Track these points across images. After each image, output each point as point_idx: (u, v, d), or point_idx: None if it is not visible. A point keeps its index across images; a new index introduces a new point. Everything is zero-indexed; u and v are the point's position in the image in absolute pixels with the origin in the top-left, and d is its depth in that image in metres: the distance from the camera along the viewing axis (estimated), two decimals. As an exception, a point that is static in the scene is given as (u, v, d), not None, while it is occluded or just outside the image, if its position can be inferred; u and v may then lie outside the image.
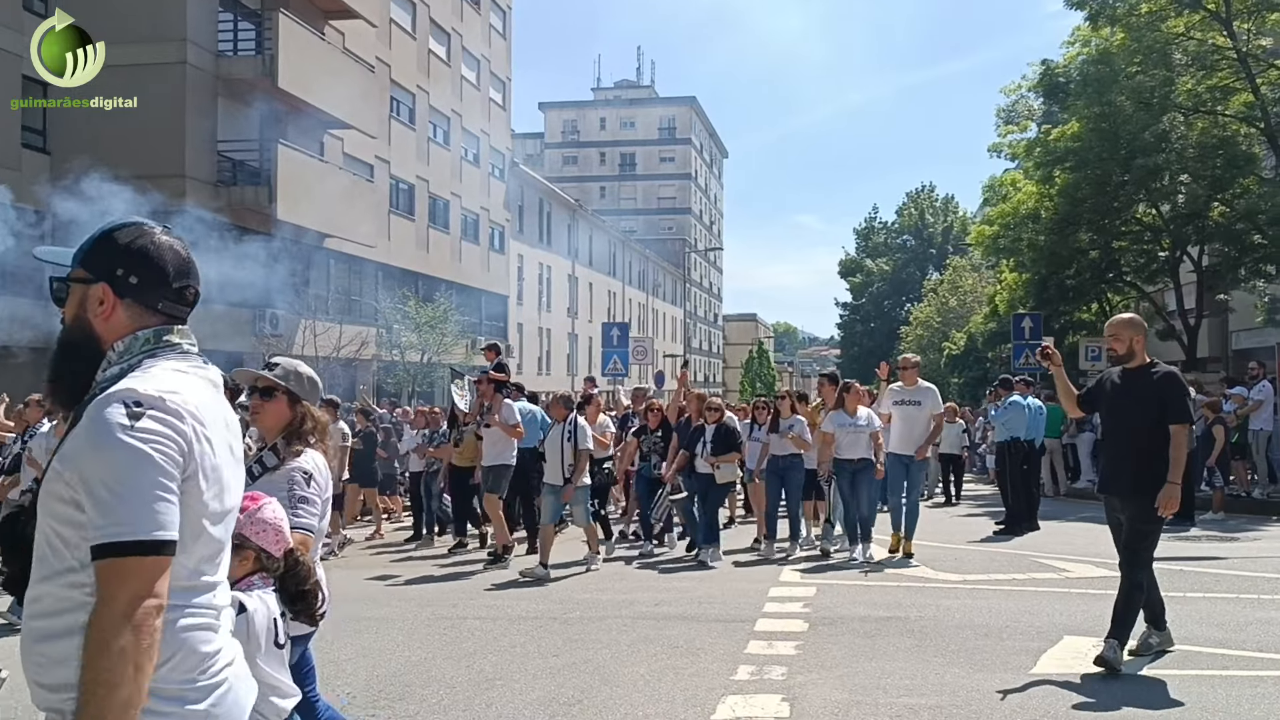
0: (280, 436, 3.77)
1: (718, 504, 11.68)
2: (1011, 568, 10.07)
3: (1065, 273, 26.70)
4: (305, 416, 3.80)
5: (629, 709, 5.50)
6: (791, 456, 11.54)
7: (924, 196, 74.36)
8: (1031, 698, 5.49)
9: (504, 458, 11.50)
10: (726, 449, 11.30)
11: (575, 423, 10.66)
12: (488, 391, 11.82)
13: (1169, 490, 5.95)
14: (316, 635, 7.55)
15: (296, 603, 3.08)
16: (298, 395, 3.81)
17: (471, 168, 41.33)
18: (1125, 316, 6.65)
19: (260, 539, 3.04)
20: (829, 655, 6.54)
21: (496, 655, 6.87)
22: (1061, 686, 5.70)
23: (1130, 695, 5.52)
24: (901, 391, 11.12)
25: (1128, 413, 6.28)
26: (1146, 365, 6.34)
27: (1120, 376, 6.42)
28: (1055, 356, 6.65)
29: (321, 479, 3.71)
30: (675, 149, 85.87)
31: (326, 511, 3.74)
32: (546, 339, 50.71)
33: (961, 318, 48.89)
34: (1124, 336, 6.33)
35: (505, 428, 11.40)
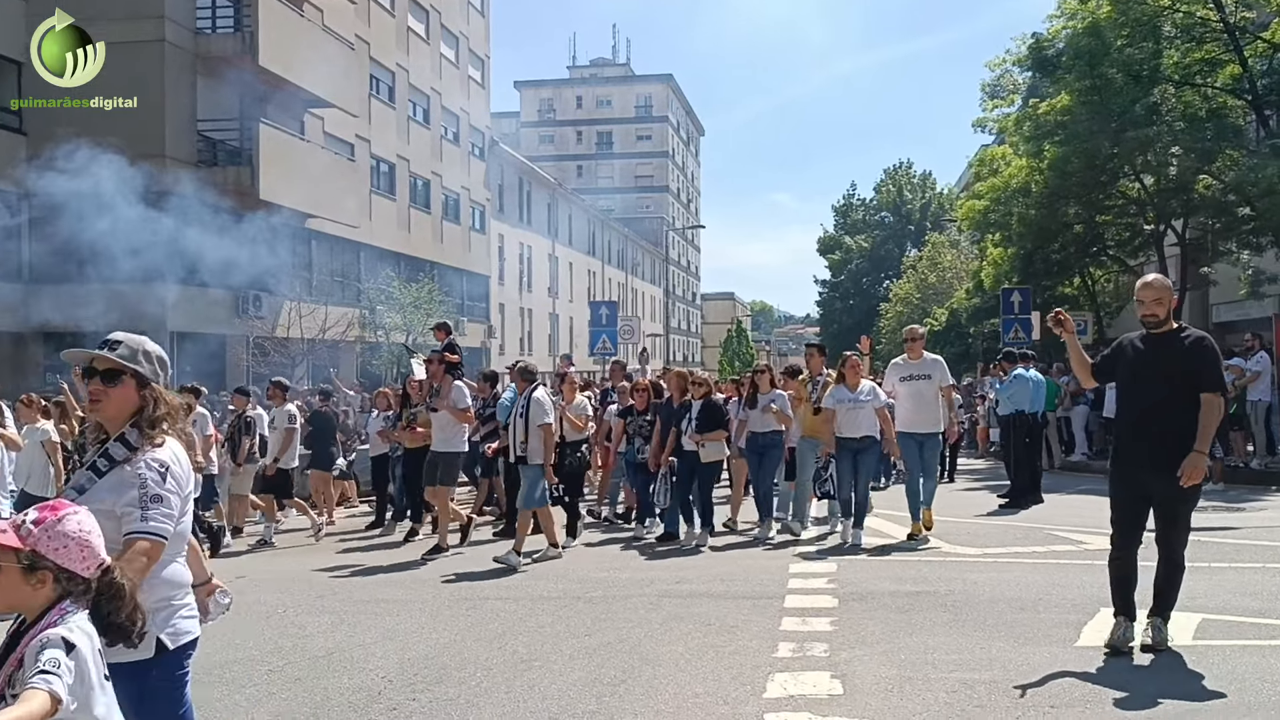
0: (128, 425, 3.21)
1: (710, 484, 11.14)
2: (1028, 541, 10.03)
3: (1050, 247, 26.75)
4: (157, 401, 3.26)
5: (676, 688, 5.39)
6: (772, 433, 10.90)
7: (902, 173, 74.37)
8: (1085, 670, 5.41)
9: (454, 444, 10.97)
10: (712, 426, 10.74)
11: (530, 396, 10.00)
12: (437, 373, 11.21)
13: (1194, 459, 5.53)
14: (337, 618, 7.46)
15: (110, 633, 2.63)
16: (146, 377, 3.25)
17: (451, 147, 40.94)
18: (1161, 278, 6.03)
19: (61, 556, 2.56)
20: (867, 631, 6.46)
21: (526, 636, 6.75)
22: (1112, 657, 5.64)
23: (1184, 666, 5.46)
24: (908, 365, 10.56)
25: (1155, 382, 5.73)
26: (1176, 330, 5.82)
27: (1144, 342, 5.88)
28: (1068, 323, 6.10)
29: (181, 473, 3.21)
30: (652, 127, 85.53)
31: (188, 511, 3.26)
32: (528, 319, 50.46)
33: (941, 294, 48.94)
34: (1166, 300, 5.79)
35: (454, 411, 10.84)
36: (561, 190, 57.53)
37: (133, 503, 3.05)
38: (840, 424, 10.16)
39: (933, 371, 10.44)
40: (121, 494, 3.07)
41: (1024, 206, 23.57)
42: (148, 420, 3.22)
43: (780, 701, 5.07)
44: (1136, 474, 5.79)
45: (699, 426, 10.66)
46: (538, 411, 9.88)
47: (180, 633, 3.23)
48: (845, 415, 10.13)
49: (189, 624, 3.29)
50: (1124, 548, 5.88)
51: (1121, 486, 5.93)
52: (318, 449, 13.95)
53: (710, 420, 10.74)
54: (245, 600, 8.45)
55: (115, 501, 3.06)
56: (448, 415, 10.83)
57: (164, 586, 3.17)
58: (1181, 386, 5.68)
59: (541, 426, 9.82)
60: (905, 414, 10.42)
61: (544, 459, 9.80)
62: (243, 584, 9.32)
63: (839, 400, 10.17)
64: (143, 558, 2.99)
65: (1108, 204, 25.47)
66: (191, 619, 3.32)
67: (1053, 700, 4.95)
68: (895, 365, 10.75)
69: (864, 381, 10.35)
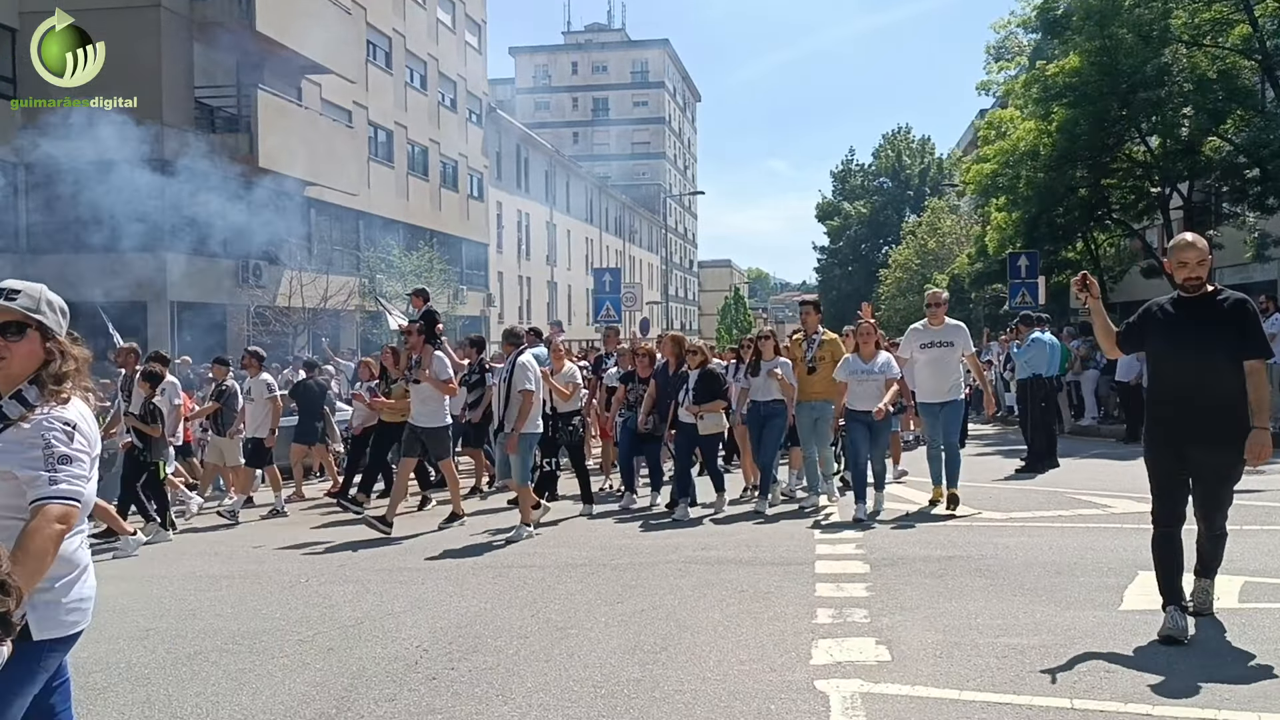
0: (26, 382, 2.88)
1: (714, 455, 10.87)
2: (1052, 505, 9.95)
3: (1055, 211, 26.58)
4: (63, 355, 2.94)
5: (720, 655, 5.30)
6: (774, 403, 10.32)
7: (901, 138, 73.92)
8: (1133, 635, 5.33)
9: (437, 418, 10.43)
10: (710, 396, 10.30)
11: (514, 361, 9.56)
12: (416, 343, 10.55)
13: (1259, 437, 5.10)
14: (361, 587, 7.36)
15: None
16: (51, 329, 2.93)
17: (449, 113, 40.57)
18: (1201, 238, 5.62)
19: None
20: (905, 597, 6.37)
21: (558, 603, 6.65)
22: (1159, 622, 5.55)
23: (1231, 628, 5.37)
24: (928, 332, 10.00)
25: (1194, 348, 5.28)
26: (1213, 293, 5.35)
27: (1176, 306, 5.41)
28: (1094, 287, 5.66)
29: (90, 432, 2.91)
30: (648, 93, 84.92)
31: (93, 477, 2.92)
32: (526, 287, 50.24)
33: (941, 260, 48.73)
34: (1209, 261, 5.40)
35: (436, 383, 10.28)
36: (559, 157, 57.15)
37: (36, 464, 2.73)
38: (851, 396, 9.71)
39: (955, 338, 9.93)
40: (18, 456, 2.74)
41: (1032, 170, 23.36)
42: (51, 376, 2.89)
43: (828, 668, 4.98)
44: (1177, 449, 5.34)
45: (696, 397, 10.26)
46: (520, 376, 9.43)
47: (53, 623, 2.80)
48: (857, 387, 9.68)
49: (72, 616, 2.87)
50: (1168, 526, 5.40)
51: (1160, 462, 5.45)
52: (302, 422, 13.71)
53: (708, 391, 10.32)
54: (266, 570, 8.41)
55: (12, 463, 2.73)
56: (429, 387, 10.33)
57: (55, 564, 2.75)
58: (1222, 354, 5.24)
59: (521, 393, 9.36)
60: (925, 382, 10.02)
61: (514, 425, 9.37)
62: (261, 553, 9.26)
63: (851, 372, 9.72)
64: (56, 525, 2.68)
65: (1113, 167, 25.28)
66: (78, 610, 2.89)
67: (1107, 665, 4.86)
68: (915, 331, 10.21)
69: (882, 353, 9.84)
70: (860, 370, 9.67)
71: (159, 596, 7.56)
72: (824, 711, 4.39)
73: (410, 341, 10.73)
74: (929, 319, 10.12)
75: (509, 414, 9.52)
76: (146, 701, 5.01)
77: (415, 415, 10.43)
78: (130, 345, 12.39)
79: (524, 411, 9.33)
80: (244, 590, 7.62)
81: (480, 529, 9.88)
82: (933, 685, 4.66)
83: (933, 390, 9.98)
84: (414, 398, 10.46)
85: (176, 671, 5.49)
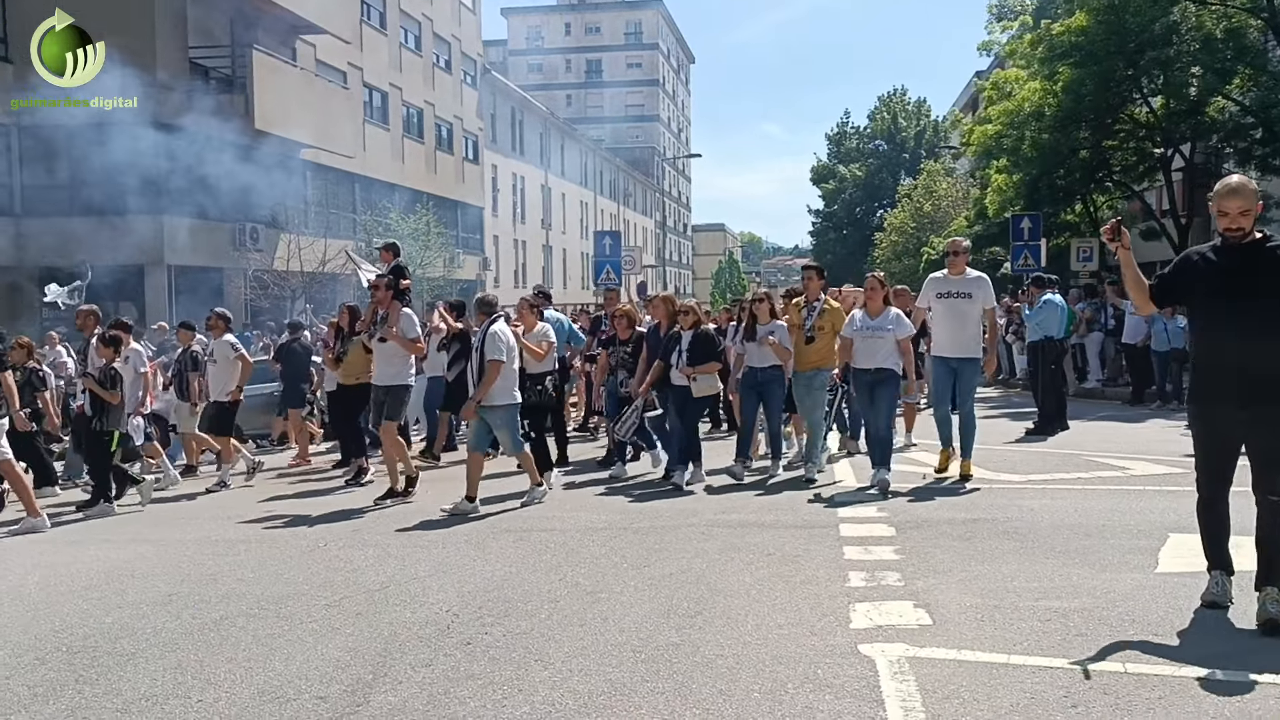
0: None
1: (696, 419, 10.29)
2: (1070, 467, 9.90)
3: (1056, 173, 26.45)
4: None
5: (757, 619, 5.23)
6: (772, 368, 9.81)
7: (896, 100, 73.48)
8: (1175, 597, 5.28)
9: (400, 377, 10.02)
10: (704, 358, 9.79)
11: (485, 330, 9.06)
12: (384, 299, 10.16)
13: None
14: (382, 551, 7.28)
15: None
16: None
17: (444, 75, 40.17)
18: (1246, 180, 5.13)
19: None
20: (936, 560, 6.31)
21: (584, 567, 6.58)
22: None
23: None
24: (947, 281, 9.37)
25: (1243, 302, 4.89)
26: (1261, 240, 4.93)
27: (1221, 255, 4.99)
28: (1125, 236, 5.21)
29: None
30: (642, 54, 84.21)
31: None
32: (522, 251, 49.99)
33: (936, 223, 48.57)
34: (1254, 209, 4.89)
35: (403, 341, 9.88)
36: (555, 120, 56.68)
37: None
38: (856, 352, 9.13)
39: (975, 290, 9.28)
40: None
41: (1036, 131, 23.20)
42: None
43: (870, 632, 4.93)
44: (1225, 412, 4.98)
45: (690, 359, 9.76)
46: (490, 346, 8.90)
47: None
48: (863, 344, 9.08)
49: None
50: (1214, 495, 5.14)
51: (1206, 426, 5.13)
52: (288, 387, 13.56)
53: (702, 352, 9.82)
54: (282, 534, 8.34)
55: None
56: (395, 346, 9.90)
57: None
58: (1275, 307, 4.85)
59: (490, 363, 8.84)
60: (941, 335, 9.45)
61: (477, 394, 8.88)
62: (274, 517, 9.17)
63: (856, 328, 9.14)
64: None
65: (1116, 128, 25.15)
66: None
67: (1154, 628, 4.81)
68: (934, 279, 9.56)
69: (891, 309, 9.17)
70: (868, 327, 9.08)
71: (176, 561, 7.49)
72: (871, 676, 4.33)
73: (377, 297, 10.29)
74: (949, 268, 9.50)
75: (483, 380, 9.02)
76: (178, 668, 4.94)
77: (377, 374, 10.05)
78: (90, 308, 11.97)
79: (488, 380, 8.82)
80: (263, 554, 7.54)
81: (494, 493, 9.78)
82: (979, 649, 4.61)
83: (947, 343, 9.37)
84: (378, 356, 10.07)
85: (205, 637, 5.42)
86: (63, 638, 5.53)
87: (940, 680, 4.24)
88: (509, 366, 9.00)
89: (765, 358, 9.82)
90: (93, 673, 4.93)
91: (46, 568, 7.50)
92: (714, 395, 10.60)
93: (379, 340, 9.99)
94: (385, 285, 10.21)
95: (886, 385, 9.07)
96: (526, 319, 10.31)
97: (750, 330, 9.99)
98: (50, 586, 6.86)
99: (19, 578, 7.22)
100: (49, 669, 5.02)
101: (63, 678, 4.88)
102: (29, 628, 5.78)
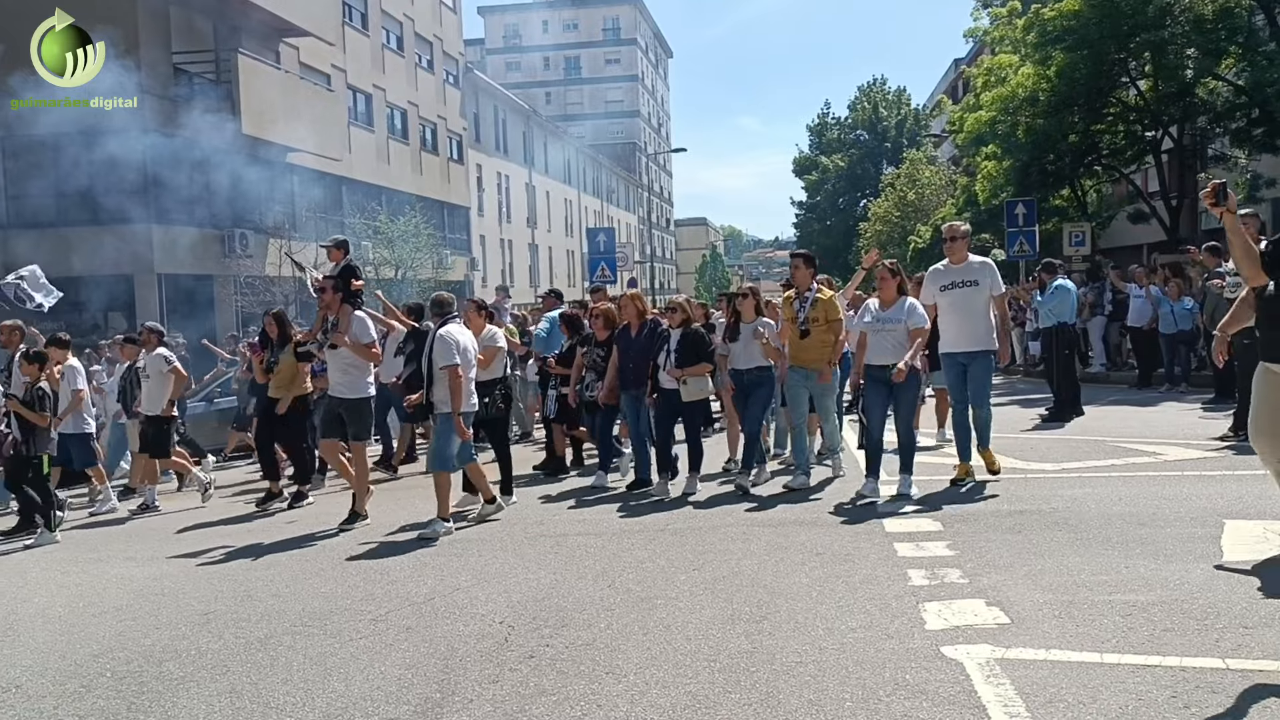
0: None
1: (697, 425, 9.47)
2: (1100, 454, 9.79)
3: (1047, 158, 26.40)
4: None
5: (828, 622, 5.08)
6: (758, 369, 9.00)
7: (876, 90, 73.42)
8: (1251, 587, 5.15)
9: (358, 389, 9.02)
10: (694, 359, 9.02)
11: (435, 333, 8.36)
12: (333, 303, 9.16)
13: None
14: (418, 561, 7.10)
15: None
16: None
17: (426, 74, 39.85)
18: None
19: None
20: (992, 554, 6.17)
21: (631, 572, 6.42)
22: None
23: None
24: (949, 272, 8.56)
25: None
26: None
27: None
28: (1232, 200, 4.94)
29: None
30: (620, 50, 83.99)
31: None
32: (509, 250, 49.70)
33: (921, 211, 48.54)
34: None
35: (357, 348, 8.91)
36: (537, 117, 56.39)
37: None
38: (870, 349, 8.28)
39: (980, 277, 8.45)
40: None
41: (1031, 116, 23.13)
42: None
43: (948, 633, 4.78)
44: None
45: (679, 359, 9.02)
46: (441, 351, 8.19)
47: None
48: (875, 338, 8.25)
49: None
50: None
51: None
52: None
53: (692, 352, 9.05)
54: (310, 549, 8.13)
55: None
56: (348, 354, 8.96)
57: None
58: None
59: (445, 369, 8.13)
60: (948, 330, 8.63)
61: (452, 407, 8.15)
62: (295, 529, 8.98)
63: (866, 321, 8.33)
64: None
65: (1106, 112, 25.12)
66: None
67: (1241, 620, 4.67)
68: (935, 272, 8.76)
69: (909, 299, 8.33)
70: (880, 319, 8.23)
71: (204, 577, 7.29)
72: (963, 680, 4.19)
73: (324, 300, 9.28)
74: (949, 256, 8.61)
75: (436, 394, 8.26)
76: (232, 692, 4.76)
77: (333, 386, 9.16)
78: (14, 323, 11.13)
79: (455, 390, 8.11)
80: (294, 569, 7.36)
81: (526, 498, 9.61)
82: (1068, 648, 4.46)
83: (954, 338, 8.55)
84: (332, 367, 9.14)
85: (253, 657, 5.24)
86: (104, 662, 5.34)
87: (1037, 683, 4.09)
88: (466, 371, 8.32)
89: (750, 358, 9.04)
90: (144, 699, 4.75)
91: (71, 588, 7.31)
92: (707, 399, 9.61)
93: (329, 348, 9.07)
94: (333, 287, 9.25)
95: (905, 383, 8.08)
96: (474, 322, 9.36)
97: (733, 329, 9.26)
98: (79, 607, 6.66)
99: (45, 599, 7.02)
100: (97, 697, 4.83)
101: (113, 706, 4.70)
102: (66, 652, 5.59)
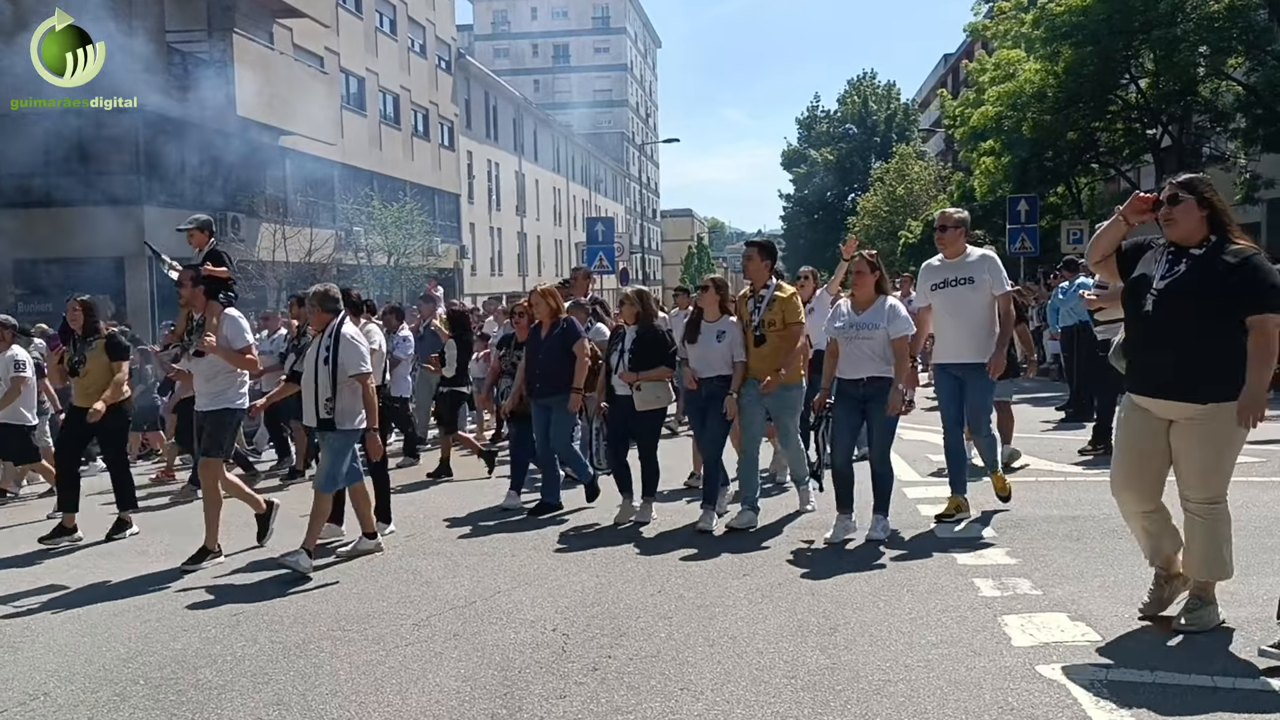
0: None
1: (651, 439, 8.00)
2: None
3: (1046, 155, 26.34)
4: None
5: (905, 636, 4.84)
6: (719, 379, 7.44)
7: (866, 84, 73.27)
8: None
9: (227, 398, 7.48)
10: (652, 361, 7.80)
11: (337, 333, 6.92)
12: (195, 298, 7.62)
13: None
14: (449, 561, 6.81)
15: None
16: None
17: (419, 59, 39.40)
18: None
19: None
20: (1059, 563, 5.95)
21: (679, 577, 6.16)
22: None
23: None
24: (943, 268, 7.18)
25: None
26: None
27: None
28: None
29: None
30: (610, 39, 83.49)
31: None
32: (498, 239, 49.31)
33: (910, 206, 48.43)
34: None
35: (228, 354, 7.39)
36: (527, 105, 55.95)
37: None
38: (841, 359, 6.93)
39: (977, 273, 7.03)
40: None
41: (1038, 112, 23.00)
42: None
43: (1039, 651, 4.53)
44: None
45: (634, 362, 7.80)
46: (348, 356, 6.85)
47: None
48: (848, 347, 6.86)
49: None
50: None
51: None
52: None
53: (650, 354, 7.82)
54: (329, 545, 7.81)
55: None
56: (216, 360, 7.42)
57: None
58: None
59: (356, 377, 6.87)
60: (941, 337, 7.26)
61: (368, 421, 6.97)
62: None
63: (838, 326, 6.93)
64: None
65: (1108, 110, 25.05)
66: None
67: (1349, 639, 4.46)
68: (928, 269, 7.34)
69: (890, 299, 6.85)
70: (853, 324, 6.82)
71: (229, 576, 6.97)
72: (1070, 703, 3.95)
73: (184, 295, 7.69)
74: (942, 249, 7.28)
75: (336, 407, 6.85)
76: (278, 703, 4.47)
77: (198, 398, 7.61)
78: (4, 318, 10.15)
79: (370, 402, 6.95)
80: (321, 567, 7.05)
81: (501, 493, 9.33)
82: (1174, 670, 4.23)
83: (948, 347, 7.19)
84: (196, 374, 7.64)
85: (293, 664, 4.95)
86: (135, 668, 5.04)
87: (1153, 709, 3.86)
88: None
89: (711, 365, 7.50)
90: (185, 710, 4.45)
91: (88, 585, 6.97)
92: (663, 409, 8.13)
93: (195, 354, 7.52)
94: (192, 279, 7.69)
95: (880, 399, 6.73)
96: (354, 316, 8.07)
97: (693, 329, 7.67)
98: (100, 606, 6.33)
99: (59, 592, 6.69)
100: (133, 708, 4.53)
101: (153, 718, 4.40)
102: (93, 656, 5.28)
